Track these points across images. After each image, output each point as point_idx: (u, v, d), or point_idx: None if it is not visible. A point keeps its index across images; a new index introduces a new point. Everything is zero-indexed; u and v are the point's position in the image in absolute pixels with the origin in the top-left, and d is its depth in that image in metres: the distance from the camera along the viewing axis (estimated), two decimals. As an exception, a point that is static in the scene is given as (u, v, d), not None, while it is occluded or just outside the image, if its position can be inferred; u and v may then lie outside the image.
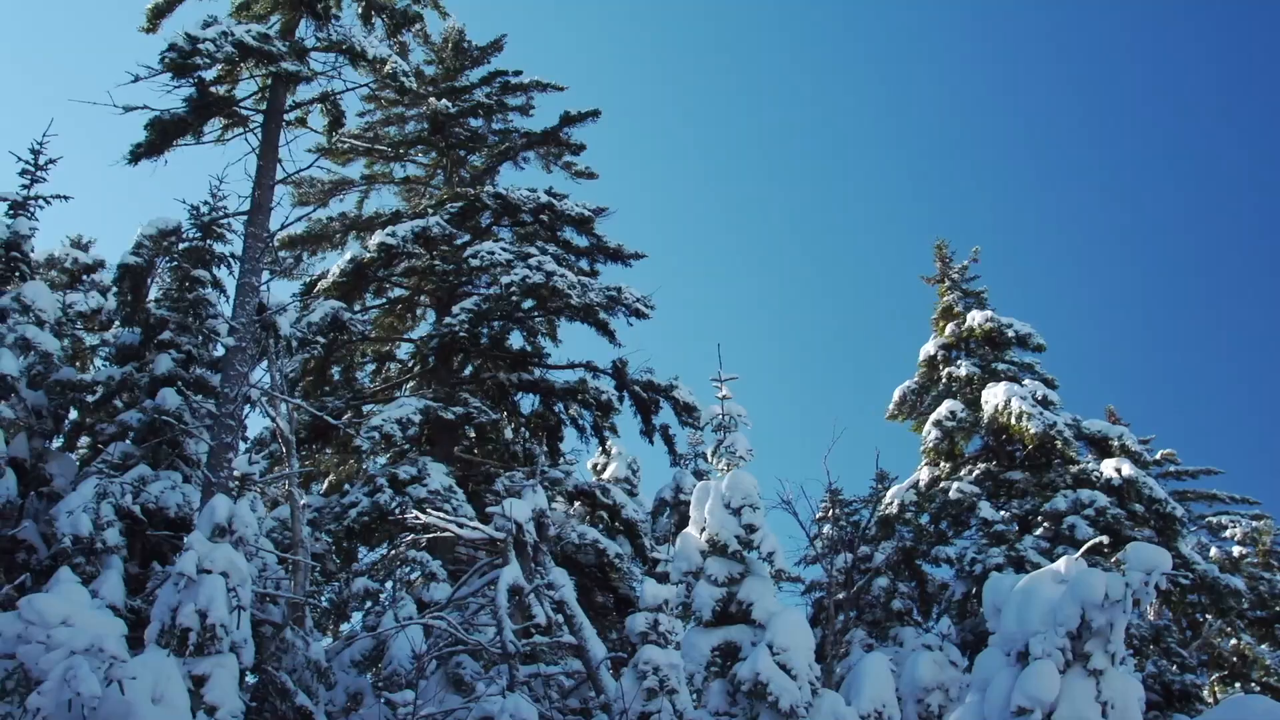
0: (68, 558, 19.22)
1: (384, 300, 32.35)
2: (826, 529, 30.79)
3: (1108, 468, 29.11)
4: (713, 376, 20.95)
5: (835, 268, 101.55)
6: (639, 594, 18.59)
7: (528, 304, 28.71)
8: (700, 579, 18.70)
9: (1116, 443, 30.10)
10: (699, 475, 36.12)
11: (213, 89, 23.55)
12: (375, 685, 20.00)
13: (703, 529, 18.94)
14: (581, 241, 30.93)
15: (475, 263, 27.94)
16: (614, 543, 28.36)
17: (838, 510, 31.51)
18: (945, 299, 33.87)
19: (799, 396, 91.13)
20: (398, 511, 24.18)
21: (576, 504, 29.93)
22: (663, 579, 22.01)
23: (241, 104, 24.31)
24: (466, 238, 30.13)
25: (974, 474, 31.18)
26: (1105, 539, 20.23)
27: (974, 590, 27.79)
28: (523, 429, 30.45)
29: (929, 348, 33.67)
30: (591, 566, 27.84)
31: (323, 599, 22.63)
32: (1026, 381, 30.97)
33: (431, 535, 20.23)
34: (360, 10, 25.66)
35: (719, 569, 18.66)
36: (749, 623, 18.29)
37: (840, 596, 27.75)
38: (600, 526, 29.59)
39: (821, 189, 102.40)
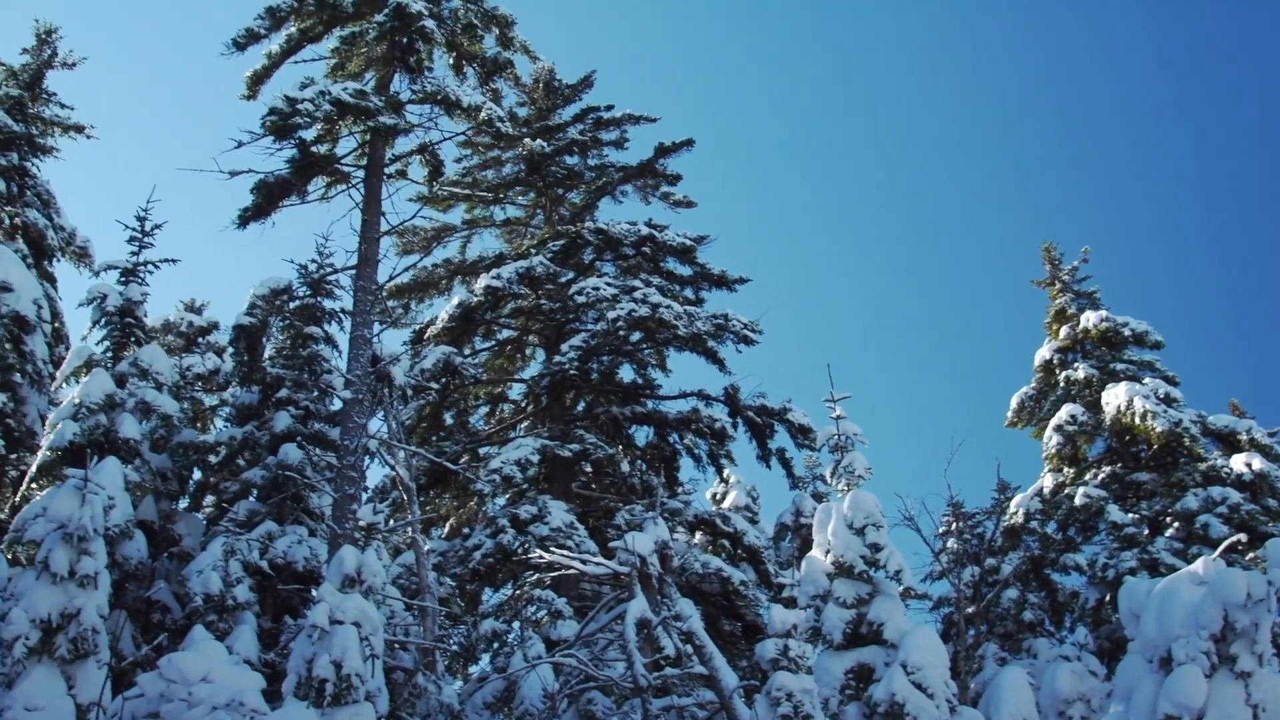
0: (201, 616, 19.58)
1: (493, 342, 32.65)
2: (951, 543, 30.45)
3: (1237, 463, 28.51)
4: (825, 397, 20.86)
5: (939, 277, 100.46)
6: (766, 620, 18.49)
7: (635, 337, 28.77)
8: (828, 602, 18.61)
9: (1245, 437, 29.45)
10: (818, 497, 35.87)
11: (314, 149, 23.97)
12: (509, 726, 20.06)
13: (827, 551, 18.84)
14: (685, 271, 30.96)
15: (581, 299, 28.02)
16: (738, 570, 28.24)
17: (961, 523, 31.11)
18: (1057, 302, 33.56)
19: (913, 411, 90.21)
20: (521, 551, 24.31)
21: (698, 534, 29.88)
22: (790, 604, 21.87)
23: (342, 161, 24.71)
24: (570, 275, 30.27)
25: (1099, 477, 30.68)
26: (1242, 536, 19.66)
27: (1107, 596, 27.33)
28: (639, 461, 30.45)
29: (1044, 352, 33.34)
30: (716, 595, 27.74)
31: (451, 643, 22.76)
32: (1147, 380, 30.49)
33: (555, 573, 20.20)
34: (452, 61, 26.05)
35: (846, 591, 18.56)
36: (880, 643, 18.14)
37: (970, 611, 27.37)
38: (723, 555, 29.51)
39: (920, 197, 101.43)
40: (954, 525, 30.93)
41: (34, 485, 22.06)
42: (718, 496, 35.83)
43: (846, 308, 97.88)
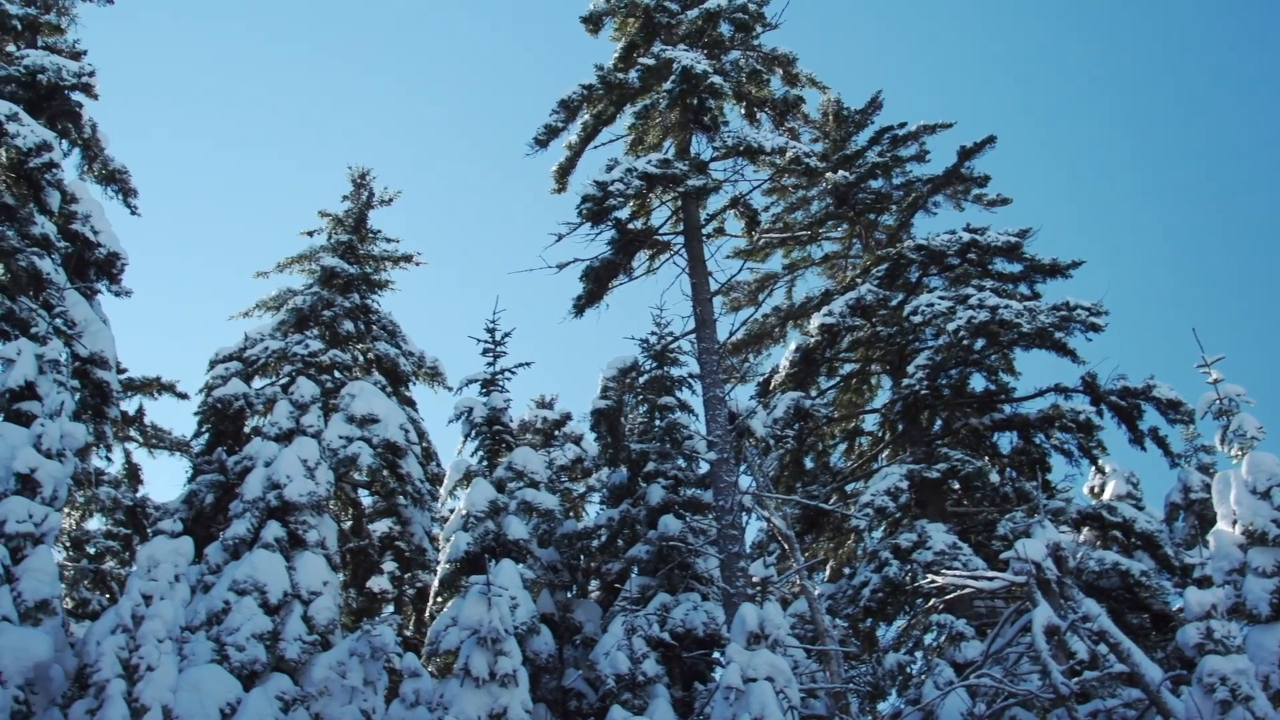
0: (615, 696, 20.12)
1: (837, 379, 32.49)
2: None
3: None
4: (1198, 362, 19.88)
5: (1254, 217, 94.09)
6: (1175, 607, 17.76)
7: (979, 344, 28.13)
8: (1246, 574, 17.77)
9: None
10: (1203, 470, 34.27)
11: (630, 225, 24.65)
12: (938, 757, 19.74)
13: (1233, 522, 18.01)
14: (1013, 268, 30.11)
15: (916, 319, 27.65)
16: (1134, 560, 27.11)
17: (1361, 470, 29.15)
18: None
19: (1266, 360, 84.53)
20: (908, 581, 24.05)
21: (1084, 530, 28.85)
22: (1202, 584, 20.85)
23: (660, 231, 25.29)
24: (900, 297, 29.92)
25: None
26: None
27: None
28: (1008, 468, 29.69)
29: None
30: (1116, 589, 26.65)
31: (861, 683, 22.65)
32: None
33: (948, 596, 19.92)
34: (743, 110, 26.43)
35: (1264, 559, 17.67)
36: (1315, 608, 17.15)
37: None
38: (1115, 547, 28.40)
39: (1236, 136, 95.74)
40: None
41: (438, 599, 23.24)
42: (1096, 490, 34.57)
43: (1184, 269, 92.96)
